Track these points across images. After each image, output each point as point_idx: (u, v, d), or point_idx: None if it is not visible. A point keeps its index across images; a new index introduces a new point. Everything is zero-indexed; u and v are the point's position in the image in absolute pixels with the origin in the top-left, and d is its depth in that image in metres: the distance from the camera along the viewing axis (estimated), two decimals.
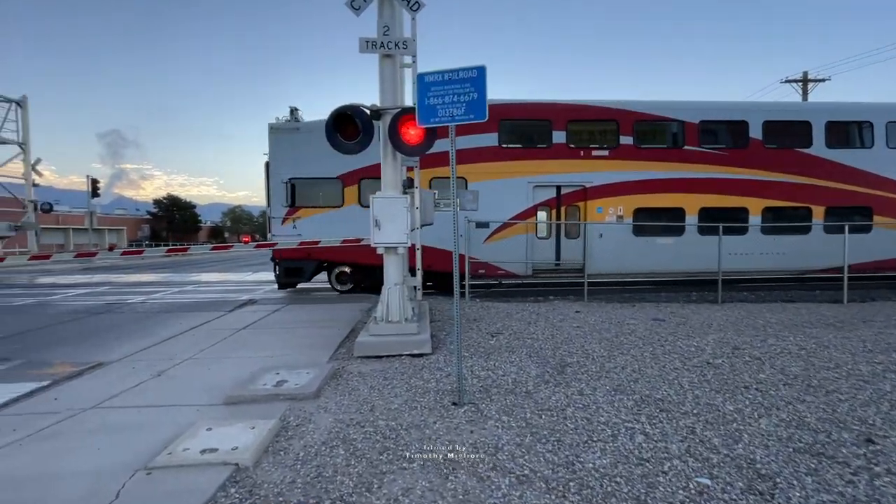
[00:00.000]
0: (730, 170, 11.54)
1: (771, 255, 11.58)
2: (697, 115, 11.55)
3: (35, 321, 8.60)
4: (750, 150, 11.60)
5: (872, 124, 11.68)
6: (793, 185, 11.59)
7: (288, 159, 11.24)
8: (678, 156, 11.58)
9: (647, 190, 11.46)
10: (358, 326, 7.57)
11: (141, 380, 4.97)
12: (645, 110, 11.54)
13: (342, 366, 5.34)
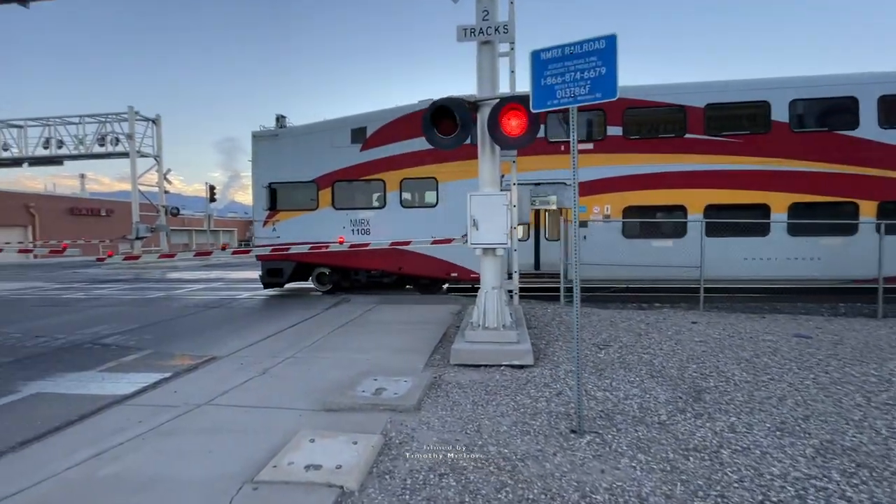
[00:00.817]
0: (745, 160, 9.69)
1: (801, 260, 9.47)
2: (703, 97, 9.80)
3: (163, 313, 9.55)
4: (772, 136, 9.60)
5: None
6: (832, 175, 9.41)
7: (268, 165, 11.54)
8: (678, 146, 9.87)
9: (639, 186, 10.01)
10: (450, 331, 7.27)
11: (248, 376, 5.09)
12: (638, 96, 9.94)
13: (439, 374, 5.03)
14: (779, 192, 9.64)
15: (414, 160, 10.75)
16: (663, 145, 10.05)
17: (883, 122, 9.28)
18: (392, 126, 10.90)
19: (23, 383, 5.09)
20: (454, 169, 10.53)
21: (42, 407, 4.37)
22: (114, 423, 3.90)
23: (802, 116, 9.71)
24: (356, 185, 11.32)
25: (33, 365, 5.84)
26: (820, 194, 9.55)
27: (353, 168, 11.14)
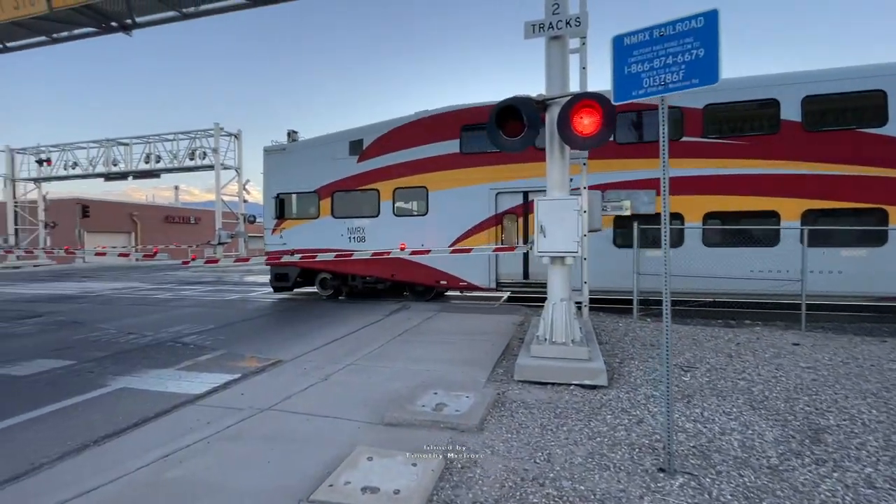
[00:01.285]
0: (751, 163, 8.88)
1: (818, 273, 8.37)
2: (702, 98, 9.05)
3: (237, 314, 10.08)
4: (781, 136, 8.73)
5: None
6: (854, 178, 8.39)
7: (277, 177, 12.35)
8: (674, 150, 8.96)
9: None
10: (513, 343, 6.91)
11: (310, 382, 5.09)
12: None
13: (503, 390, 4.70)
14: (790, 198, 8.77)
15: (406, 170, 11.08)
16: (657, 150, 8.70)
17: None
18: (386, 138, 11.25)
19: (112, 378, 5.47)
20: (443, 178, 10.77)
21: (125, 402, 4.63)
22: (185, 422, 4.01)
23: (817, 114, 8.72)
24: (353, 195, 11.69)
25: (123, 360, 6.30)
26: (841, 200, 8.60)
27: (350, 179, 11.65)
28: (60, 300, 13.06)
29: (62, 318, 9.83)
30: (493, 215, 10.55)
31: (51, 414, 4.39)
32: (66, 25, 10.00)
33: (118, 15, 9.45)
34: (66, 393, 4.96)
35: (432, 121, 10.96)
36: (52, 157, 28.03)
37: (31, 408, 4.53)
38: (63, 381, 5.40)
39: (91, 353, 6.69)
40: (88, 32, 10.20)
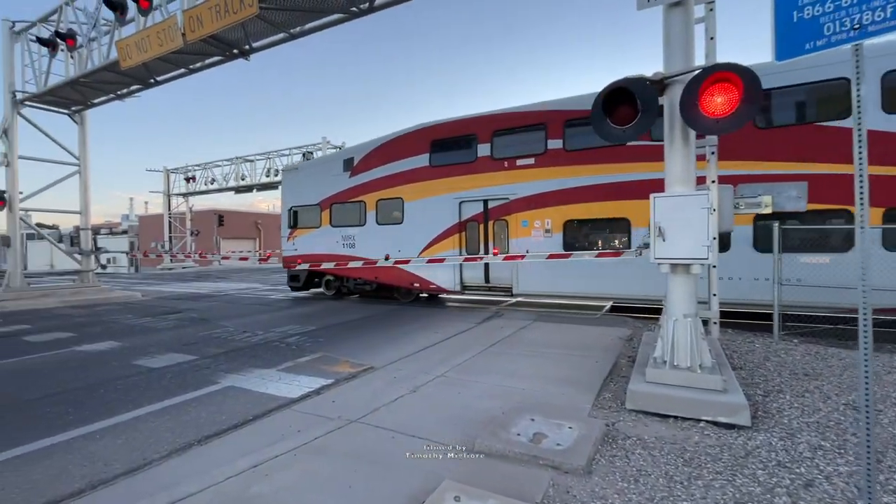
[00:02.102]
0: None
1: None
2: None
3: (336, 317, 10.49)
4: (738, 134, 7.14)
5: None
6: (822, 176, 7.46)
7: (291, 192, 14.10)
8: (624, 154, 9.00)
9: (581, 198, 9.59)
10: (621, 362, 6.06)
11: (399, 394, 4.89)
12: (581, 106, 9.38)
13: (613, 421, 4.01)
14: None
15: (386, 183, 12.14)
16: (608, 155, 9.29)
17: (887, 106, 7.11)
18: (371, 155, 12.39)
19: (223, 375, 5.86)
20: (415, 189, 11.61)
21: (230, 402, 4.85)
22: (278, 428, 4.02)
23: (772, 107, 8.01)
24: (346, 207, 12.94)
25: (235, 358, 6.78)
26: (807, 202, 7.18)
27: (344, 192, 12.95)
28: (196, 298, 14.95)
29: (194, 315, 11.13)
30: (458, 222, 11.17)
31: (171, 407, 4.74)
32: (198, 56, 11.40)
33: (237, 42, 10.47)
34: (185, 387, 5.39)
35: (407, 137, 11.87)
36: (196, 174, 32.73)
37: (157, 399, 4.97)
38: (185, 375, 5.91)
39: (210, 350, 7.32)
40: (216, 61, 11.51)
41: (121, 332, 9.12)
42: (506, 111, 10.71)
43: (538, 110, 10.23)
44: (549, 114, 10.03)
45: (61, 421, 4.41)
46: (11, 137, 14.16)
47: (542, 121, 10.10)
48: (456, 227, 11.15)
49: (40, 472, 3.38)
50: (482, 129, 10.82)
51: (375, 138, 12.57)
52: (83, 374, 6.05)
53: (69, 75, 13.00)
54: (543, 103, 10.25)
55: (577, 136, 9.63)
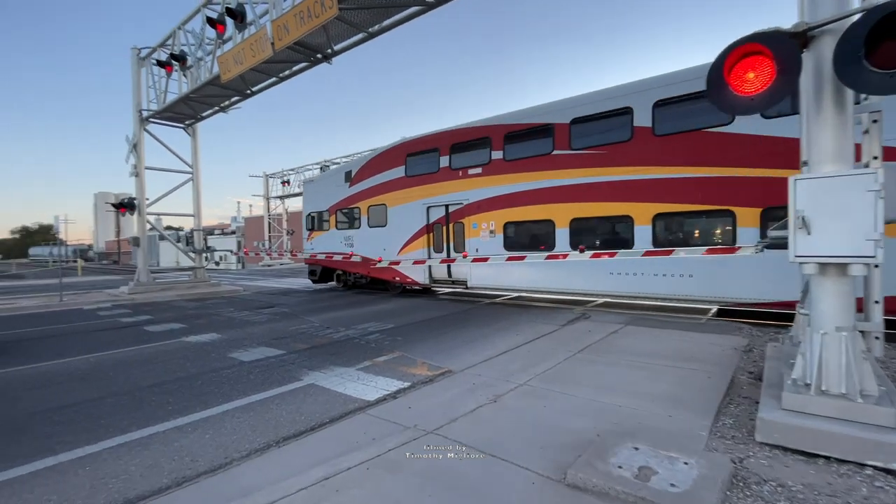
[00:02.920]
0: (607, 171, 9.18)
1: (670, 276, 8.57)
2: (569, 112, 9.75)
3: (416, 315, 10.43)
4: (634, 143, 8.80)
5: None
6: (702, 180, 8.08)
7: (310, 201, 16.68)
8: (547, 163, 10.02)
9: (515, 203, 10.65)
10: (739, 379, 5.11)
11: (478, 403, 4.53)
12: (515, 120, 10.71)
13: (740, 457, 3.26)
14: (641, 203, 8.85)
15: (375, 192, 14.00)
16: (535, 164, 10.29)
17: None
18: (364, 167, 14.39)
19: (305, 372, 5.94)
20: (395, 197, 13.34)
21: (309, 401, 4.84)
22: (352, 435, 3.87)
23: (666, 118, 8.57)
24: (346, 212, 15.03)
25: (317, 354, 6.91)
26: (689, 203, 8.37)
27: (345, 200, 15.02)
28: (288, 293, 15.96)
29: (285, 310, 11.79)
30: (426, 225, 12.68)
31: (256, 403, 4.85)
32: (286, 64, 12.02)
33: (321, 46, 10.82)
34: (270, 383, 5.53)
35: (390, 152, 13.67)
36: (290, 178, 35.35)
37: (245, 394, 5.13)
38: (271, 370, 6.10)
39: (296, 345, 7.57)
40: (302, 67, 12.06)
41: (222, 324, 9.88)
42: (461, 126, 12.05)
43: (484, 125, 11.44)
44: (492, 128, 11.18)
45: (162, 411, 4.69)
46: (139, 151, 16.20)
47: (487, 134, 11.25)
48: (424, 228, 12.73)
49: (136, 463, 3.54)
50: (443, 143, 12.26)
51: (368, 152, 14.91)
52: (187, 365, 6.52)
53: (182, 92, 14.50)
54: (488, 119, 11.44)
55: (514, 147, 10.75)
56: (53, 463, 3.59)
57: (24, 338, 8.92)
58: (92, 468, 3.48)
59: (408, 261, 12.99)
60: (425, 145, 12.77)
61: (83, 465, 3.55)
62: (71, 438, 4.05)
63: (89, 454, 3.73)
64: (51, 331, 9.69)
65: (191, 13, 13.37)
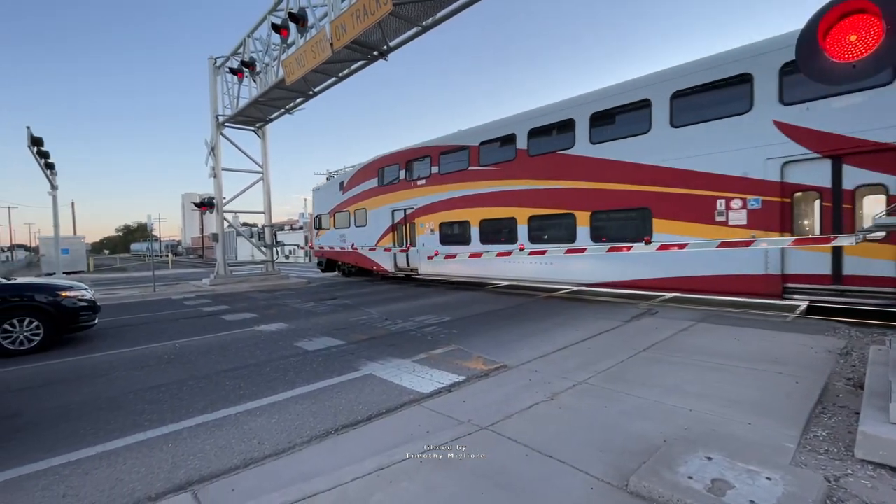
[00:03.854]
0: (501, 183, 11.88)
1: (538, 264, 11.31)
2: (478, 137, 12.50)
3: (472, 308, 10.39)
4: (517, 162, 11.54)
5: (650, 102, 9.06)
6: (556, 190, 10.74)
7: (316, 204, 20.50)
8: (465, 176, 12.86)
9: (446, 207, 13.53)
10: (834, 384, 4.53)
11: (534, 401, 4.39)
12: (446, 143, 13.71)
13: (836, 475, 2.88)
14: (522, 208, 11.48)
15: (359, 198, 17.40)
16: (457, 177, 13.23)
17: (593, 139, 9.95)
18: (351, 179, 17.92)
19: (364, 362, 6.12)
20: (372, 202, 16.62)
21: (366, 391, 4.96)
22: (407, 427, 3.91)
23: (535, 142, 11.19)
24: (341, 214, 18.59)
25: (375, 345, 7.09)
26: (550, 207, 10.90)
27: (340, 204, 18.58)
28: (349, 286, 16.59)
29: (347, 302, 12.25)
30: (391, 225, 15.89)
31: (318, 391, 5.06)
32: (345, 64, 12.37)
33: (377, 43, 10.99)
34: (331, 371, 5.76)
35: (368, 166, 17.00)
36: None
37: (308, 381, 5.38)
38: (332, 360, 6.35)
39: (355, 336, 7.83)
40: (360, 66, 12.35)
41: (289, 315, 10.47)
42: (413, 146, 15.09)
43: (428, 145, 14.42)
44: (432, 148, 14.25)
45: (235, 395, 5.04)
46: (217, 154, 17.54)
47: (428, 153, 14.32)
48: (391, 227, 15.93)
49: (211, 443, 3.82)
50: (402, 160, 15.39)
51: (356, 165, 17.94)
52: (257, 352, 6.97)
53: (251, 96, 15.46)
54: (431, 140, 14.43)
55: (445, 164, 13.68)
56: (143, 438, 3.97)
57: (124, 324, 10.02)
58: (174, 445, 3.81)
59: (379, 252, 16.47)
60: (391, 161, 15.97)
61: (167, 441, 3.89)
62: (157, 417, 4.46)
63: (172, 432, 4.09)
64: (145, 318, 10.80)
65: (258, 21, 14.16)
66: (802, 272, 7.72)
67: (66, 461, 3.59)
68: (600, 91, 10.12)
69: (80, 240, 34.95)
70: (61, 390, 5.43)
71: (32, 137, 16.86)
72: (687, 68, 8.74)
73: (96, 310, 8.43)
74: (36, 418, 4.54)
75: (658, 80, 9.08)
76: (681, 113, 8.76)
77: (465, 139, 13.05)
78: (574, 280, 10.94)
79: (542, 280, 11.77)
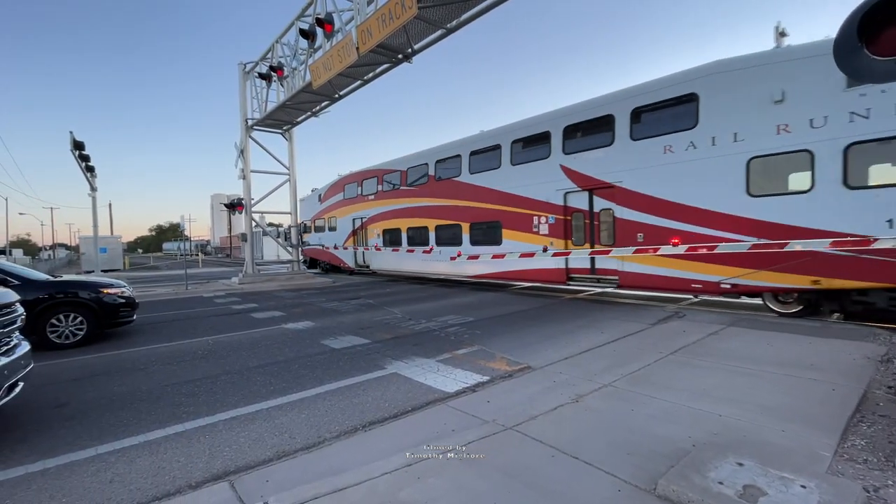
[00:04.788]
0: (420, 200, 15.77)
1: (443, 262, 14.95)
2: (406, 164, 16.62)
3: (496, 309, 10.40)
4: (428, 185, 15.40)
5: (500, 146, 12.82)
6: (451, 206, 14.36)
7: (303, 212, 22.62)
8: (398, 194, 16.91)
9: (387, 217, 17.47)
10: (874, 392, 4.38)
11: (559, 402, 4.40)
12: (386, 167, 17.69)
13: (876, 486, 2.79)
14: (432, 219, 15.32)
15: (331, 209, 21.32)
16: (392, 195, 17.31)
17: (471, 171, 13.75)
18: (326, 192, 21.70)
19: (389, 361, 6.22)
20: (340, 212, 20.53)
21: (392, 389, 5.05)
22: (433, 425, 3.97)
23: (440, 171, 15.08)
24: (319, 221, 22.58)
25: (400, 345, 7.19)
26: (447, 219, 14.69)
27: (318, 213, 22.56)
28: (372, 286, 16.81)
29: (371, 301, 12.43)
30: (353, 230, 19.70)
31: (346, 388, 5.18)
32: (370, 67, 12.57)
33: (401, 46, 11.13)
34: (357, 369, 5.88)
35: (336, 183, 20.84)
36: None
37: (335, 378, 5.51)
38: (358, 358, 6.47)
39: (380, 335, 7.95)
40: (385, 69, 12.52)
41: (315, 313, 10.70)
42: (365, 169, 19.03)
43: (376, 168, 18.29)
44: (377, 171, 18.12)
45: (266, 390, 5.21)
46: (246, 156, 18.05)
47: (376, 175, 18.18)
48: (352, 232, 19.79)
49: (245, 435, 3.97)
50: (359, 178, 19.26)
51: (330, 181, 21.67)
52: (286, 350, 7.17)
53: (279, 100, 15.86)
54: (377, 165, 18.32)
55: (386, 183, 17.58)
56: (181, 430, 4.16)
57: (159, 321, 10.44)
58: (210, 436, 3.98)
59: (341, 251, 20.80)
60: (351, 179, 19.87)
61: (203, 433, 4.07)
62: (194, 409, 4.66)
63: (208, 424, 4.26)
64: (179, 315, 11.23)
65: (286, 27, 14.53)
66: (577, 267, 11.22)
67: (112, 449, 3.80)
68: (476, 135, 14.15)
69: (116, 239, 36.51)
70: (104, 382, 5.72)
71: (75, 141, 17.71)
72: (520, 124, 12.57)
73: (135, 306, 8.83)
74: (83, 407, 4.81)
75: (504, 132, 12.96)
76: (516, 155, 12.49)
77: (398, 165, 17.12)
78: (465, 274, 14.77)
79: (444, 274, 15.98)
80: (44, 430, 4.24)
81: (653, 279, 9.68)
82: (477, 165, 13.56)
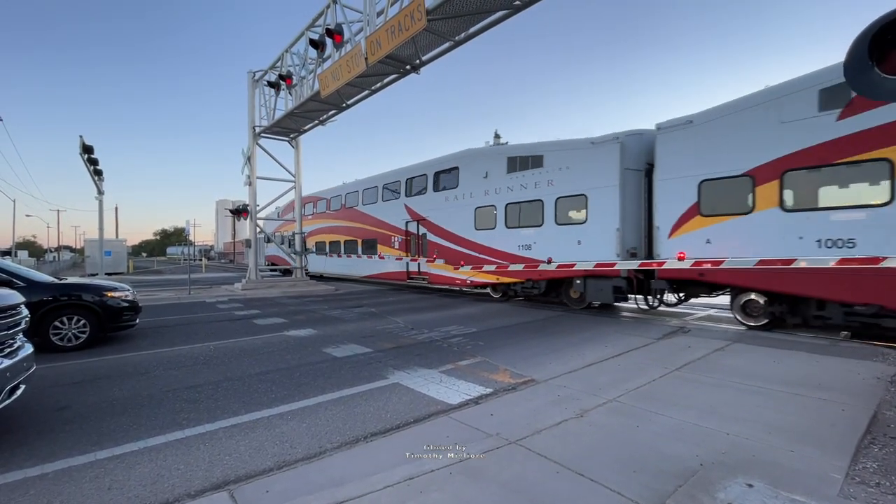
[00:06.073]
0: (336, 221, 22.09)
1: (347, 265, 21.20)
2: (329, 194, 23.28)
3: (500, 320, 10.35)
4: (341, 210, 21.68)
5: (377, 187, 19.01)
6: (353, 227, 20.62)
7: (267, 227, 23.97)
8: (325, 216, 23.19)
9: (319, 233, 23.70)
10: (885, 413, 4.30)
11: (563, 417, 4.34)
12: (320, 195, 24.27)
13: None
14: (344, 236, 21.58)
15: (286, 224, 25.35)
16: (324, 216, 23.61)
17: (363, 203, 19.93)
18: (283, 211, 26.67)
19: (391, 371, 6.17)
20: (314, 226, 24.20)
21: (394, 400, 5.00)
22: (436, 437, 3.92)
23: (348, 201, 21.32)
24: (277, 235, 25.24)
25: (402, 354, 7.14)
26: (352, 236, 20.72)
27: (277, 228, 26.50)
28: (374, 294, 16.78)
29: (373, 310, 12.39)
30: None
31: (347, 397, 5.13)
32: (377, 77, 12.69)
33: (409, 57, 11.25)
34: (359, 379, 5.83)
35: (288, 205, 24.78)
36: None
37: (337, 387, 5.46)
38: (359, 367, 6.43)
39: (383, 344, 7.91)
40: (392, 79, 12.63)
41: (318, 321, 10.67)
42: (311, 194, 24.69)
43: (314, 195, 24.50)
44: (314, 197, 24.42)
45: (267, 397, 5.17)
46: (253, 163, 18.18)
47: (312, 200, 24.48)
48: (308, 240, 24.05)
49: (245, 444, 3.93)
50: (311, 201, 24.46)
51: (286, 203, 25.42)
52: (288, 357, 7.13)
53: (287, 108, 16.01)
54: (317, 192, 24.74)
55: (319, 206, 23.91)
56: (182, 436, 4.12)
57: (161, 325, 10.43)
58: (210, 444, 3.94)
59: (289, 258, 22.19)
60: (311, 199, 24.65)
61: (203, 440, 4.03)
62: (195, 416, 4.62)
63: (208, 431, 4.23)
64: (181, 320, 11.22)
65: (296, 37, 14.72)
66: (412, 270, 16.62)
67: (111, 455, 3.76)
68: (370, 178, 20.01)
69: (121, 243, 36.69)
70: (106, 386, 5.69)
71: (84, 146, 17.92)
72: (386, 174, 18.66)
73: (138, 310, 8.83)
74: (83, 411, 4.78)
75: (380, 178, 19.05)
76: (385, 193, 18.46)
77: (326, 194, 23.60)
78: (360, 274, 20.63)
79: (347, 274, 22.07)
80: (44, 433, 4.21)
81: (440, 278, 15.29)
82: (367, 199, 19.75)
